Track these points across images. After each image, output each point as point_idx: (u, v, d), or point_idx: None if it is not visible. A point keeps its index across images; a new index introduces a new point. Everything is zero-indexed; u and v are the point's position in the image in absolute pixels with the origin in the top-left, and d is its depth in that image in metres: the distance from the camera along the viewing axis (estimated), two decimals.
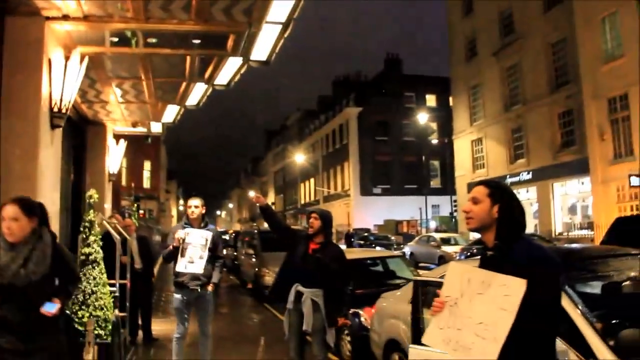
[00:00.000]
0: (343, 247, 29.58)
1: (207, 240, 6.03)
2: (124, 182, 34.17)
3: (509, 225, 2.62)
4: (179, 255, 5.98)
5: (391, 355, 5.66)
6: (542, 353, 2.49)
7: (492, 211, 2.63)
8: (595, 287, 4.32)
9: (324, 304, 5.47)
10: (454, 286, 2.64)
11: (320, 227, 5.66)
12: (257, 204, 6.14)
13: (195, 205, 6.31)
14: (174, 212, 76.96)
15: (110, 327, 5.32)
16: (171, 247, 6.10)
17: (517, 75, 29.71)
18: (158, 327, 9.42)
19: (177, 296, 6.29)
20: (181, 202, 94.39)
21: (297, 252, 5.68)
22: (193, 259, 5.98)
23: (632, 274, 4.19)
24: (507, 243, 2.59)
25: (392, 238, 33.88)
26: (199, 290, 6.22)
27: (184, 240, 5.99)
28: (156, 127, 10.45)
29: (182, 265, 5.96)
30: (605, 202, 23.00)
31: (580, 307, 3.48)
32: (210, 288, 6.33)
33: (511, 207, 2.66)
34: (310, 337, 5.59)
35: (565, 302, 3.54)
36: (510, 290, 2.39)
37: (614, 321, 3.62)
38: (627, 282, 4.19)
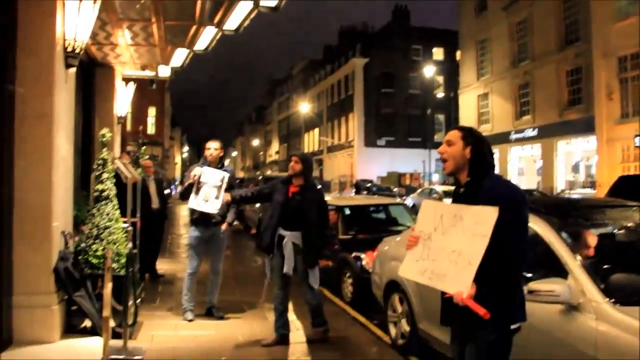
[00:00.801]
0: (352, 194, 29.91)
1: (223, 180, 6.14)
2: (128, 127, 34.20)
3: (480, 164, 2.87)
4: (193, 192, 6.11)
5: (391, 296, 5.89)
6: (512, 274, 2.72)
7: (465, 152, 2.88)
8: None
9: (302, 246, 5.55)
10: (428, 221, 2.82)
11: (301, 170, 5.65)
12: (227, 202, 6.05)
13: (215, 148, 6.46)
14: (177, 159, 77.22)
15: (123, 260, 5.54)
16: (186, 183, 6.26)
17: (526, 30, 29.32)
18: (164, 266, 9.73)
19: (193, 233, 6.52)
20: (185, 148, 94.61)
21: (276, 197, 5.71)
22: (208, 198, 6.11)
23: (627, 223, 4.36)
24: (479, 180, 2.83)
25: (395, 190, 34.16)
26: (214, 227, 6.44)
27: (199, 178, 6.10)
28: (164, 71, 10.45)
29: (196, 203, 6.13)
30: (609, 161, 23.06)
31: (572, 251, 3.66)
32: (224, 227, 6.55)
33: (481, 147, 2.90)
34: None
35: (560, 247, 3.72)
36: (482, 219, 2.57)
37: (605, 266, 3.80)
38: (621, 231, 4.37)
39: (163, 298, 7.74)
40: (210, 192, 6.19)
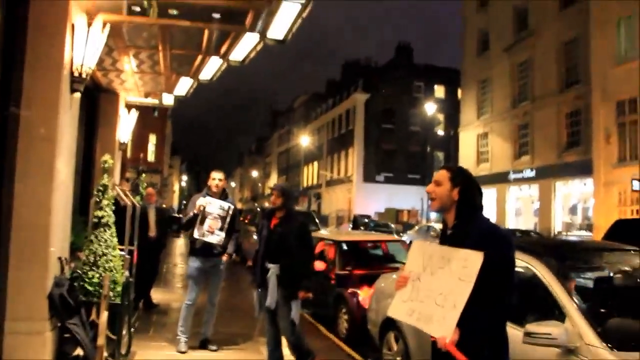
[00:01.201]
0: (348, 229, 29.74)
1: (227, 211, 6.21)
2: (128, 154, 34.29)
3: (468, 206, 2.86)
4: (198, 223, 6.17)
5: (387, 333, 5.84)
6: (496, 319, 2.70)
7: (453, 193, 2.88)
8: (588, 278, 4.51)
9: (280, 278, 5.46)
10: (417, 262, 2.83)
11: (281, 202, 5.62)
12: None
13: (220, 179, 6.53)
14: (176, 188, 77.17)
15: (119, 288, 5.50)
16: (191, 214, 6.29)
17: (527, 72, 29.68)
18: (159, 295, 9.65)
19: (193, 264, 6.50)
20: (184, 177, 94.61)
21: (262, 231, 5.76)
22: (213, 230, 6.18)
23: (625, 267, 4.36)
24: (466, 222, 2.82)
25: (392, 226, 34.07)
26: (214, 258, 6.43)
27: (204, 208, 6.17)
28: (168, 99, 10.55)
29: (200, 233, 6.15)
30: (606, 204, 23.09)
31: (572, 296, 3.65)
32: (225, 258, 6.54)
33: (470, 189, 2.89)
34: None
35: (558, 290, 3.71)
36: (468, 263, 2.58)
37: (603, 310, 3.79)
38: (619, 275, 4.37)
39: (157, 328, 7.67)
40: (215, 224, 6.25)
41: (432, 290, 2.68)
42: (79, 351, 5.43)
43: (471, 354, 2.53)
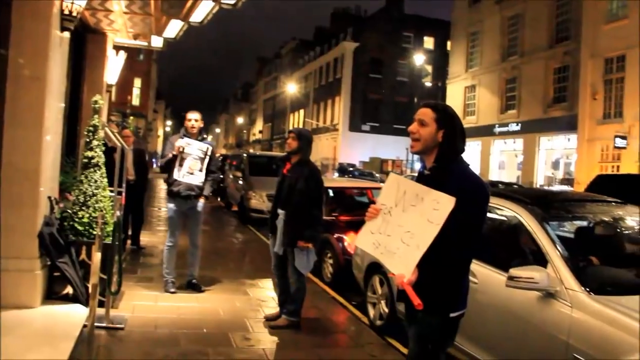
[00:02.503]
0: (334, 177, 29.76)
1: (206, 152, 6.22)
2: (113, 97, 33.85)
3: (450, 150, 2.74)
4: (177, 164, 6.18)
5: (372, 277, 5.99)
6: (458, 267, 2.70)
7: (437, 135, 2.72)
8: (569, 228, 4.66)
9: (284, 224, 5.39)
10: (391, 196, 2.76)
11: (297, 147, 5.42)
12: None
13: (195, 119, 6.47)
14: (160, 132, 76.56)
15: (109, 228, 5.56)
16: (170, 155, 6.28)
17: (517, 26, 29.50)
18: (144, 238, 9.74)
19: (171, 205, 6.53)
20: (168, 122, 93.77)
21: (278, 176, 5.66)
22: (193, 171, 6.20)
23: (605, 218, 4.50)
24: (445, 166, 2.72)
25: (377, 175, 34.31)
26: (192, 200, 6.46)
27: (183, 149, 6.17)
28: (157, 42, 10.34)
29: (181, 175, 6.17)
30: (588, 160, 23.44)
31: (554, 243, 3.78)
32: (202, 200, 6.57)
33: (454, 133, 2.74)
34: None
35: (542, 237, 3.84)
36: (440, 206, 2.54)
37: (583, 257, 3.94)
38: (600, 225, 4.52)
39: (144, 269, 7.77)
40: (194, 165, 6.26)
41: (400, 226, 2.64)
42: (68, 289, 5.52)
43: (427, 297, 2.52)
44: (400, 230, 2.63)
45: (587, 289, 3.40)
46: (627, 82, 21.89)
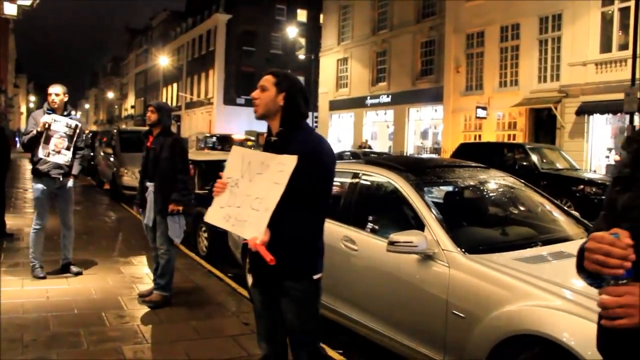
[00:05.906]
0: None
1: (73, 129, 5.80)
2: None
3: (293, 113, 2.78)
4: (42, 142, 5.69)
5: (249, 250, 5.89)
6: (309, 225, 2.71)
7: (278, 99, 2.76)
8: (439, 191, 4.86)
9: (154, 193, 5.36)
10: (236, 168, 2.77)
11: (157, 119, 5.41)
12: None
13: (56, 93, 5.96)
14: (23, 109, 70.90)
15: None
16: (34, 132, 5.77)
17: (387, 0, 30.30)
18: (9, 221, 8.97)
19: (38, 186, 6.02)
20: (32, 98, 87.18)
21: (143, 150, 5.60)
22: (59, 149, 5.75)
23: (472, 182, 4.74)
24: (290, 130, 2.76)
25: (252, 148, 34.11)
26: (61, 179, 6.01)
27: (49, 126, 5.69)
28: (10, 9, 9.36)
29: (46, 153, 5.70)
30: (453, 129, 24.92)
31: (429, 207, 3.90)
32: (71, 179, 6.14)
33: (295, 96, 2.79)
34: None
35: (418, 202, 3.95)
36: (284, 167, 2.57)
37: (455, 219, 4.11)
38: (468, 189, 4.75)
39: (8, 254, 7.18)
40: (61, 142, 5.82)
41: (249, 195, 2.65)
42: None
43: (281, 256, 2.54)
44: (249, 199, 2.64)
45: (462, 249, 3.55)
46: (486, 57, 23.43)
